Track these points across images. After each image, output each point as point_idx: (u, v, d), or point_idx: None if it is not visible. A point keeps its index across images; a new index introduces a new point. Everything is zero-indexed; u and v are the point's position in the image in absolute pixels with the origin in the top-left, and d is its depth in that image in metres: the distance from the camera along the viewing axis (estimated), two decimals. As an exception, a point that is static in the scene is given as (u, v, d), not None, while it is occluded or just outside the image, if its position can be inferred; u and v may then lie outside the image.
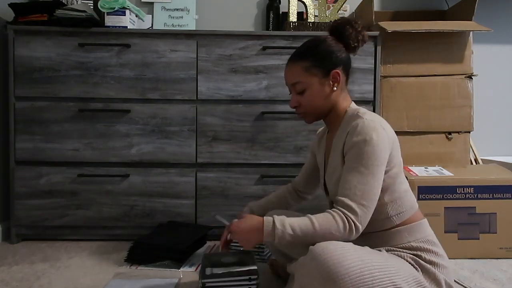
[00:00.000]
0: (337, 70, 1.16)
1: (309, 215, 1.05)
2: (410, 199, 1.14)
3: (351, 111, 1.17)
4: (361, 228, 1.03)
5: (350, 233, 1.02)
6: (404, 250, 1.09)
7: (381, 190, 1.08)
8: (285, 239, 1.04)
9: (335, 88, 1.17)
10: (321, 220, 1.03)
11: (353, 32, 1.17)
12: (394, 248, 1.10)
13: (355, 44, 1.18)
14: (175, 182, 1.91)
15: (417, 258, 1.07)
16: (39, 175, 1.88)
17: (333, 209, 1.05)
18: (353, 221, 1.02)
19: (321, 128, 1.38)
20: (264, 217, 1.07)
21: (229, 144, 1.91)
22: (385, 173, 1.09)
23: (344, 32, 1.17)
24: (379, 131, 1.07)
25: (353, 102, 1.22)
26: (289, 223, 1.04)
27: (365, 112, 1.13)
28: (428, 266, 1.06)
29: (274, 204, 1.44)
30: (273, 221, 1.05)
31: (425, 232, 1.12)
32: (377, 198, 1.05)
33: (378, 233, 1.12)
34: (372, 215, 1.06)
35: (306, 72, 1.16)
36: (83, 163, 1.89)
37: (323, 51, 1.16)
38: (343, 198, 1.04)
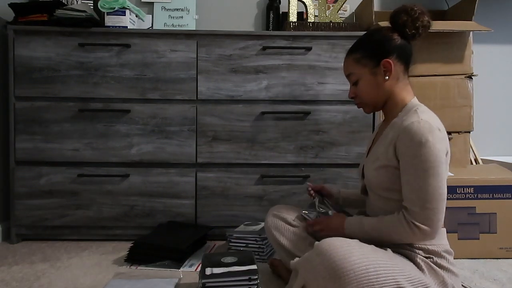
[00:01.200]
0: (389, 60, 1.14)
1: (381, 216, 1.13)
2: (444, 205, 1.14)
3: (411, 106, 1.15)
4: (429, 230, 1.04)
5: (416, 236, 1.05)
6: (417, 251, 1.09)
7: None
8: (358, 233, 1.14)
9: (387, 78, 1.16)
10: (387, 221, 1.10)
11: (408, 19, 1.14)
12: (407, 247, 1.10)
13: (413, 31, 1.15)
14: (175, 182, 1.91)
15: (427, 260, 1.07)
16: (39, 175, 1.88)
17: (401, 212, 1.08)
18: (416, 225, 1.04)
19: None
20: (346, 218, 1.21)
21: (229, 144, 1.91)
22: None
23: (398, 20, 1.15)
24: (435, 132, 1.05)
25: (415, 97, 1.19)
26: (363, 221, 1.16)
27: (424, 111, 1.11)
28: (438, 269, 1.07)
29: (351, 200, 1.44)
30: (352, 220, 1.19)
31: (442, 240, 1.13)
32: (444, 197, 1.06)
33: None
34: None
35: (357, 64, 1.18)
36: (83, 163, 1.89)
37: (373, 42, 1.17)
38: (406, 204, 1.07)
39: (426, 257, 1.08)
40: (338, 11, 2.06)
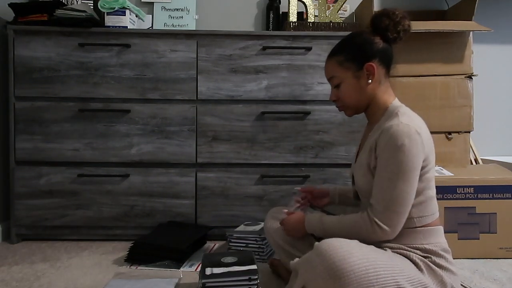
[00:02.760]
0: (371, 63, 1.14)
1: (343, 215, 1.15)
2: (434, 205, 1.14)
3: (392, 108, 1.15)
4: (389, 231, 1.05)
5: (376, 234, 1.06)
6: (414, 251, 1.09)
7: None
8: (318, 231, 1.18)
9: (370, 81, 1.16)
10: (347, 219, 1.12)
11: (390, 23, 1.15)
12: (405, 247, 1.10)
13: (394, 35, 1.15)
14: (175, 182, 1.91)
15: (426, 260, 1.07)
16: (39, 175, 1.88)
17: (365, 211, 1.09)
18: (377, 224, 1.05)
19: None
20: (306, 216, 1.23)
21: (229, 144, 1.91)
22: (421, 177, 1.08)
23: (380, 24, 1.16)
24: (413, 136, 1.05)
25: (396, 99, 1.19)
26: (322, 219, 1.17)
27: (404, 113, 1.11)
28: (437, 268, 1.07)
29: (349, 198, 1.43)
30: (311, 217, 1.21)
31: (440, 239, 1.12)
32: (409, 202, 1.06)
33: None
34: None
35: (340, 67, 1.18)
36: (83, 163, 1.89)
37: (356, 45, 1.17)
38: (372, 202, 1.07)
39: (424, 257, 1.08)
40: (338, 11, 2.06)
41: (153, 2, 2.33)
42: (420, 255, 1.08)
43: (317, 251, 0.98)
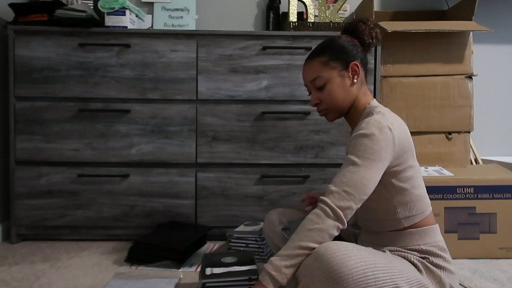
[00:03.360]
0: (356, 62, 1.16)
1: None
2: (422, 204, 1.13)
3: (369, 108, 1.15)
4: (341, 214, 0.99)
5: (328, 217, 0.99)
6: (412, 252, 1.09)
7: (393, 193, 1.08)
8: (289, 274, 0.99)
9: (355, 81, 1.16)
10: (307, 218, 1.02)
11: (366, 29, 1.18)
12: (402, 249, 1.10)
13: (369, 40, 1.19)
14: (175, 182, 1.91)
15: (424, 261, 1.07)
16: (39, 175, 1.88)
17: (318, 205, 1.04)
18: (328, 204, 1.00)
19: None
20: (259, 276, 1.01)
21: (229, 144, 1.91)
22: (395, 176, 1.08)
23: (357, 28, 1.19)
24: (384, 130, 1.04)
25: (374, 100, 1.20)
26: (274, 259, 0.99)
27: (380, 112, 1.11)
28: (435, 269, 1.06)
29: None
30: (267, 272, 0.99)
31: (436, 237, 1.12)
32: (367, 191, 1.02)
33: (389, 233, 1.13)
34: (381, 215, 1.07)
35: (324, 66, 1.17)
36: (83, 163, 1.89)
37: (340, 45, 1.18)
38: (329, 185, 1.04)
39: (422, 258, 1.08)
40: (338, 11, 2.06)
41: (153, 2, 2.33)
42: (417, 256, 1.08)
43: (315, 255, 0.96)
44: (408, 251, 1.09)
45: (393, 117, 1.11)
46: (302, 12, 2.19)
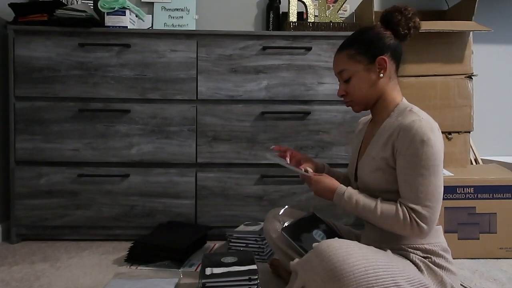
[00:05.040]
0: (384, 57, 1.13)
1: (379, 200, 1.10)
2: None
3: (403, 106, 1.14)
4: (426, 229, 1.03)
5: (412, 231, 1.04)
6: (414, 251, 1.09)
7: None
8: (347, 208, 1.13)
9: (382, 75, 1.14)
10: (385, 208, 1.07)
11: (402, 19, 1.14)
12: (405, 247, 1.10)
13: (405, 31, 1.15)
14: (175, 182, 1.91)
15: (426, 261, 1.07)
16: (39, 175, 1.88)
17: (401, 204, 1.06)
18: (416, 221, 1.03)
19: (364, 117, 1.37)
20: (339, 185, 1.16)
21: (229, 144, 1.91)
22: None
23: (392, 19, 1.15)
24: (436, 132, 1.05)
25: (404, 98, 1.19)
26: (356, 198, 1.11)
27: (419, 111, 1.10)
28: (436, 269, 1.07)
29: (340, 180, 1.39)
30: (344, 191, 1.13)
31: (439, 238, 1.12)
32: (441, 196, 1.05)
33: None
34: None
35: (351, 60, 1.16)
36: (83, 163, 1.89)
37: (368, 38, 1.15)
38: (407, 202, 1.05)
39: (424, 257, 1.08)
40: (338, 11, 2.06)
41: (153, 2, 2.33)
42: (420, 256, 1.08)
43: (316, 252, 0.97)
44: (411, 250, 1.09)
45: (430, 117, 1.11)
46: (302, 12, 2.19)
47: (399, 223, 1.04)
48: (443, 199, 1.70)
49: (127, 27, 1.91)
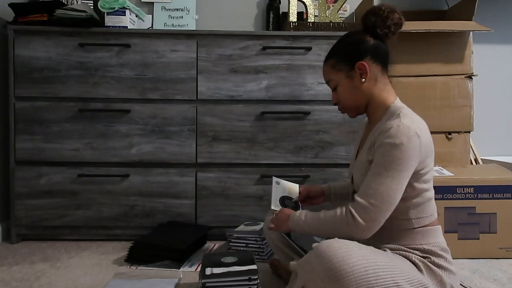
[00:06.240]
0: (363, 62, 1.14)
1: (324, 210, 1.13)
2: (432, 206, 1.14)
3: (394, 109, 1.14)
4: (364, 225, 1.02)
5: (351, 228, 1.03)
6: (413, 251, 1.09)
7: (410, 193, 1.08)
8: (303, 228, 1.14)
9: (364, 80, 1.15)
10: (328, 213, 1.09)
11: (377, 20, 1.14)
12: (404, 248, 1.10)
13: (384, 30, 1.14)
14: (175, 182, 1.91)
15: (425, 261, 1.07)
16: (39, 175, 1.88)
17: (346, 205, 1.07)
18: (352, 214, 1.03)
19: (366, 119, 1.37)
20: (294, 212, 1.20)
21: (229, 144, 1.91)
22: (419, 179, 1.08)
23: (367, 21, 1.16)
24: (413, 138, 1.03)
25: (398, 99, 1.18)
26: (304, 213, 1.15)
27: (407, 114, 1.10)
28: (436, 269, 1.07)
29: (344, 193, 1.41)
30: (296, 213, 1.18)
31: (438, 238, 1.12)
32: (393, 201, 1.03)
33: (394, 231, 1.12)
34: (392, 213, 1.06)
35: (333, 69, 1.19)
36: (83, 163, 1.89)
37: (345, 46, 1.18)
38: (356, 196, 1.06)
39: (424, 257, 1.08)
40: (338, 11, 2.06)
41: (153, 2, 2.33)
42: (419, 256, 1.08)
43: (316, 252, 0.98)
44: (410, 250, 1.09)
45: (420, 121, 1.11)
46: (302, 12, 2.19)
47: (337, 220, 1.06)
48: (443, 199, 1.72)
49: (127, 27, 1.91)
